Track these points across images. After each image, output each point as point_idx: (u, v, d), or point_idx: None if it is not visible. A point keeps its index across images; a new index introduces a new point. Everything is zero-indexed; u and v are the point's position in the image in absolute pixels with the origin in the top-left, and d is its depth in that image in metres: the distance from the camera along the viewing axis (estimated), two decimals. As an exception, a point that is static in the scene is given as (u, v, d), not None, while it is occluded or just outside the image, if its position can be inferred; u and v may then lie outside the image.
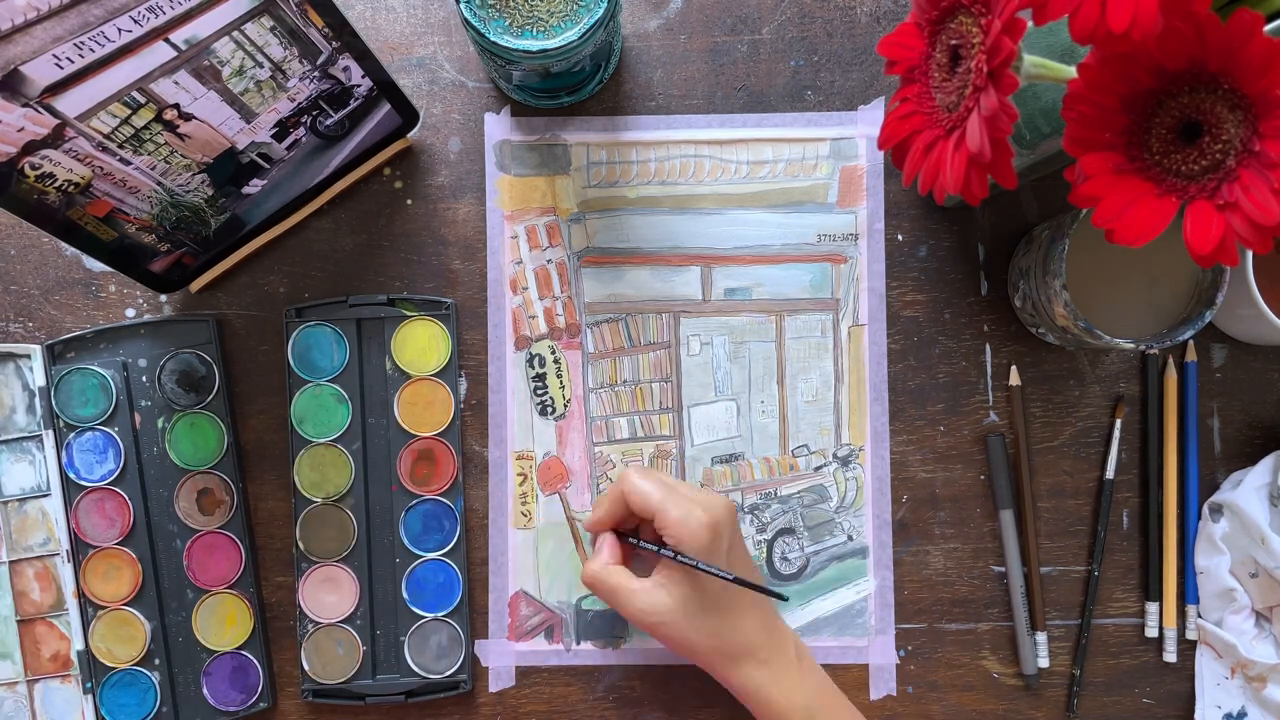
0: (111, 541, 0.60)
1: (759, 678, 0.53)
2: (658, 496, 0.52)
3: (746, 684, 0.53)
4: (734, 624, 0.52)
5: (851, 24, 0.62)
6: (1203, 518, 0.60)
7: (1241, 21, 0.34)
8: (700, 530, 0.50)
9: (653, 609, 0.52)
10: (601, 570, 0.54)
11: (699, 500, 0.52)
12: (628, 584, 0.53)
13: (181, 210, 0.55)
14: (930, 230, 0.61)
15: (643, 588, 0.52)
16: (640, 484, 0.53)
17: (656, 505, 0.51)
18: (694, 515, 0.51)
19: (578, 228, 0.62)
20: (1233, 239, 0.36)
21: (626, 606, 0.52)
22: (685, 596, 0.51)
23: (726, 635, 0.52)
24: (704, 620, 0.52)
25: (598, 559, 0.55)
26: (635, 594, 0.52)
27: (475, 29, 0.51)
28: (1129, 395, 0.61)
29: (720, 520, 0.51)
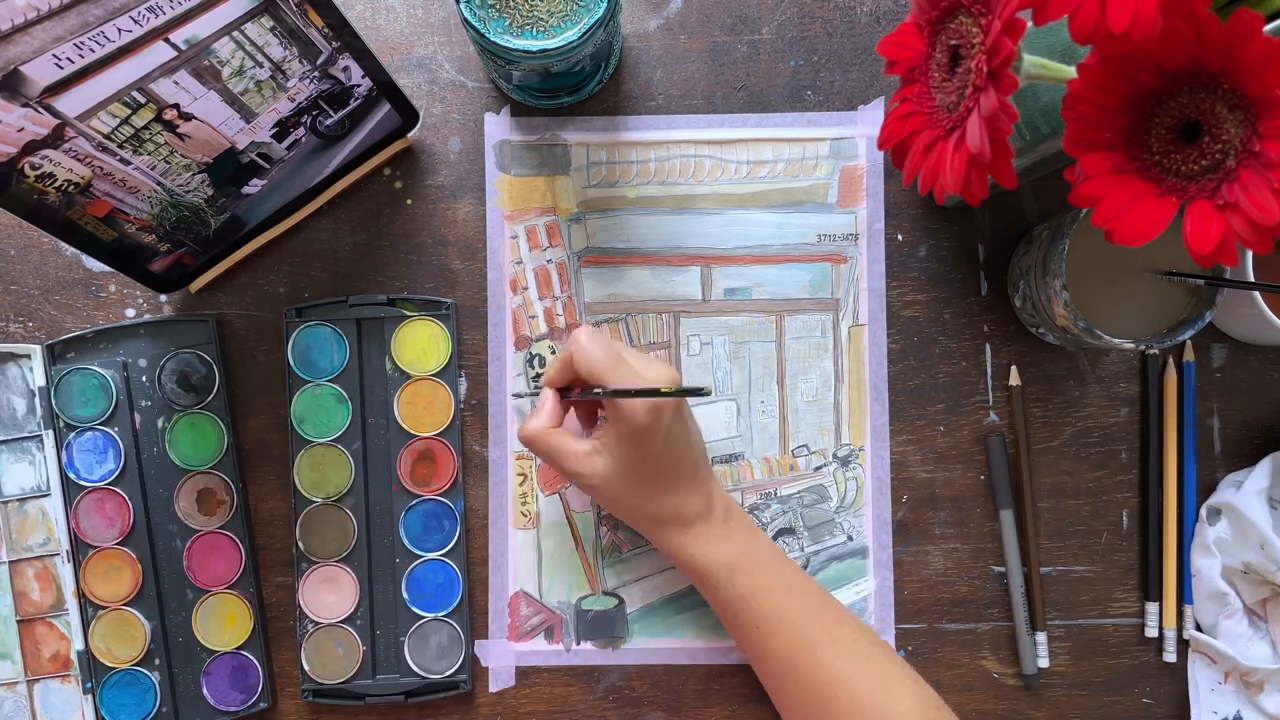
0: (111, 541, 0.60)
1: (680, 539, 0.54)
2: (602, 366, 0.51)
3: (669, 545, 0.54)
4: (663, 491, 0.53)
5: (851, 24, 0.62)
6: (1200, 520, 0.60)
7: (1241, 21, 0.34)
8: (640, 410, 0.50)
9: (589, 472, 0.52)
10: (539, 430, 0.53)
11: (644, 374, 0.51)
12: (564, 445, 0.53)
13: (181, 210, 0.55)
14: (930, 230, 0.61)
15: (579, 450, 0.53)
16: (589, 349, 0.51)
17: (600, 375, 0.51)
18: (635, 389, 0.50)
19: (578, 228, 0.62)
20: (1232, 239, 0.36)
21: (561, 466, 0.53)
22: (620, 462, 0.52)
23: (654, 501, 0.53)
24: (635, 486, 0.52)
25: (536, 418, 0.54)
26: (571, 456, 0.53)
27: (475, 29, 0.51)
28: (1129, 395, 0.61)
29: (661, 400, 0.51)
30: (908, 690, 0.51)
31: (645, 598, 0.61)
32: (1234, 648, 0.58)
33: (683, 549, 0.54)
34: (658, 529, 0.54)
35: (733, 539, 0.54)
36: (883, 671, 0.52)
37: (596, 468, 0.52)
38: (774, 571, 0.54)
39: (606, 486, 0.52)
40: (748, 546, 0.54)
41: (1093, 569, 0.61)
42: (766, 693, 0.56)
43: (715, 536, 0.54)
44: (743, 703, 0.61)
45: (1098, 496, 0.61)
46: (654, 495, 0.53)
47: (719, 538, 0.54)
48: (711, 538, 0.54)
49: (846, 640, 0.52)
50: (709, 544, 0.54)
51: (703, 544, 0.54)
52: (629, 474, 0.52)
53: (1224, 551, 0.58)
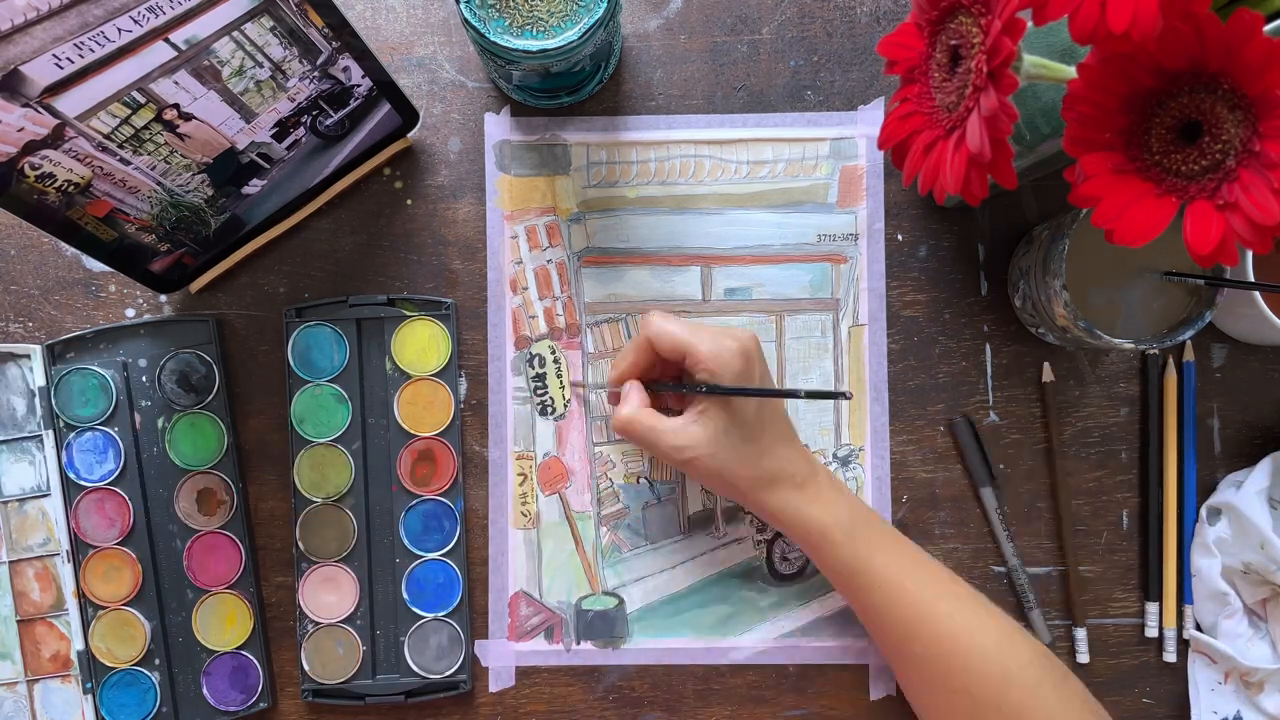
0: (111, 541, 0.60)
1: (796, 500, 0.53)
2: (685, 334, 0.52)
3: (784, 507, 0.53)
4: (768, 450, 0.53)
5: (851, 24, 0.62)
6: (1200, 520, 0.60)
7: (1241, 21, 0.34)
8: (734, 359, 0.51)
9: (688, 443, 0.52)
10: (634, 413, 0.53)
11: (726, 332, 0.53)
12: (659, 424, 0.53)
13: (181, 210, 0.55)
14: (930, 230, 0.61)
15: (675, 425, 0.53)
16: (666, 325, 0.53)
17: (686, 342, 0.52)
18: (725, 345, 0.51)
19: (578, 228, 0.62)
20: (1232, 239, 0.36)
21: (659, 445, 0.52)
22: (719, 428, 0.52)
23: (762, 462, 0.53)
24: (738, 449, 0.52)
25: (627, 404, 0.54)
26: (668, 432, 0.52)
27: (475, 29, 0.51)
28: (1129, 395, 0.61)
29: (750, 347, 0.52)
30: (1026, 641, 0.52)
31: (645, 598, 0.61)
32: (1234, 648, 0.58)
33: (800, 510, 0.53)
34: (769, 492, 0.53)
35: (843, 499, 0.54)
36: (1001, 624, 0.52)
37: (697, 436, 0.52)
38: (886, 533, 0.54)
39: (712, 454, 0.52)
40: (856, 508, 0.54)
41: (1093, 569, 0.61)
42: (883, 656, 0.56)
43: (827, 496, 0.54)
44: (743, 703, 0.61)
45: (1098, 496, 0.61)
46: (760, 455, 0.53)
47: (831, 497, 0.54)
48: (824, 497, 0.53)
49: (964, 596, 0.53)
50: (824, 504, 0.53)
51: (819, 504, 0.53)
52: (731, 436, 0.52)
53: (1224, 551, 0.58)
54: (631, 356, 0.55)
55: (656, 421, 0.53)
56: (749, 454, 0.52)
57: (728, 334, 0.52)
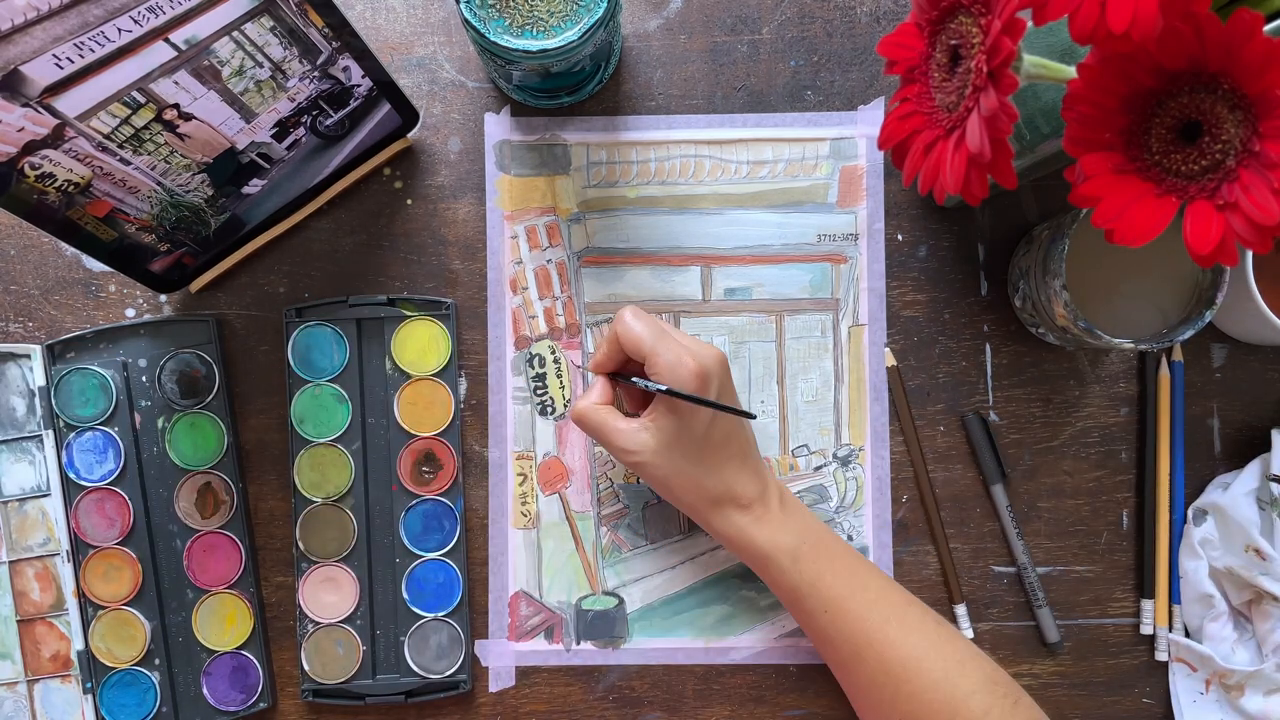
0: (111, 541, 0.60)
1: (740, 521, 0.53)
2: (649, 340, 0.51)
3: (728, 528, 0.53)
4: (717, 467, 0.52)
5: (851, 24, 0.62)
6: (1188, 521, 0.60)
7: (1241, 21, 0.34)
8: (689, 378, 0.50)
9: (636, 447, 0.52)
10: (588, 408, 0.54)
11: (690, 348, 0.52)
12: (613, 422, 0.53)
13: (181, 210, 0.55)
14: (930, 230, 0.61)
15: (628, 427, 0.52)
16: (633, 325, 0.52)
17: (648, 349, 0.51)
18: (683, 362, 0.50)
19: (578, 228, 0.62)
20: (1232, 239, 0.36)
21: (611, 443, 0.53)
22: (669, 439, 0.51)
23: (708, 480, 0.52)
24: (685, 464, 0.52)
25: (587, 397, 0.54)
26: (619, 432, 0.52)
27: (475, 29, 0.51)
28: (1129, 395, 0.61)
29: (709, 369, 0.51)
30: (976, 667, 0.51)
31: (645, 598, 0.61)
32: (1217, 651, 0.57)
33: (742, 532, 0.53)
34: (714, 511, 0.53)
35: (791, 522, 0.54)
36: (952, 649, 0.52)
37: (645, 442, 0.52)
38: (836, 554, 0.54)
39: (656, 462, 0.52)
40: (806, 530, 0.54)
41: (1093, 569, 0.61)
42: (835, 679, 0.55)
43: (774, 520, 0.53)
44: (743, 703, 0.61)
45: (1098, 496, 0.61)
46: (706, 473, 0.52)
47: (778, 521, 0.53)
48: (770, 521, 0.53)
49: (914, 620, 0.52)
50: (769, 527, 0.53)
51: (763, 527, 0.53)
52: (677, 449, 0.52)
53: (1211, 553, 0.58)
54: (605, 347, 0.55)
55: (609, 419, 0.53)
56: (695, 470, 0.52)
57: (691, 352, 0.51)
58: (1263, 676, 0.56)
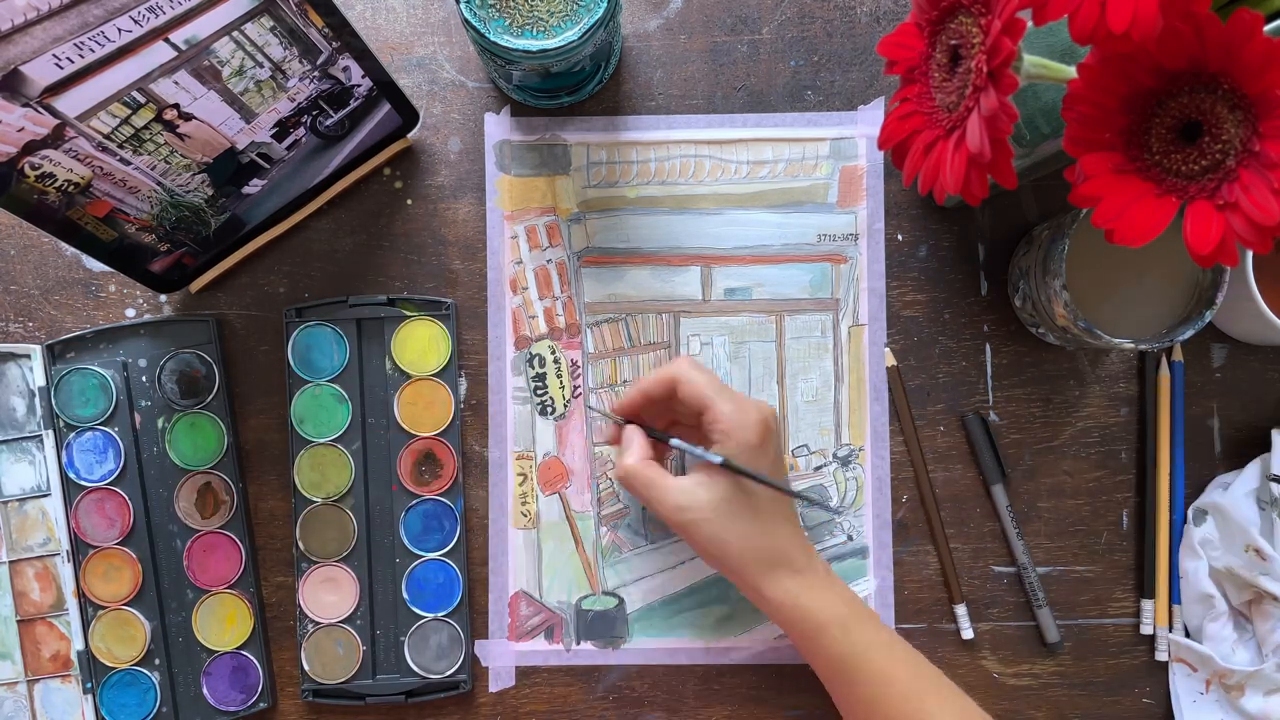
0: (111, 541, 0.60)
1: (794, 586, 0.51)
2: (710, 390, 0.50)
3: (780, 593, 0.51)
4: (771, 529, 0.51)
5: (851, 24, 0.62)
6: (1188, 521, 0.60)
7: (1241, 21, 0.34)
8: (754, 428, 0.49)
9: (690, 505, 0.50)
10: (636, 465, 0.51)
11: (748, 400, 0.51)
12: (663, 480, 0.51)
13: (181, 210, 0.55)
14: (930, 230, 0.61)
15: (679, 485, 0.50)
16: (695, 375, 0.51)
17: (710, 397, 0.50)
18: (747, 412, 0.49)
19: (578, 228, 0.62)
20: (1233, 239, 0.36)
21: (661, 502, 0.50)
22: (723, 496, 0.50)
23: (762, 540, 0.50)
24: (741, 523, 0.50)
25: (629, 454, 0.52)
26: (670, 490, 0.50)
27: (475, 29, 0.51)
28: (1129, 395, 0.61)
29: (770, 421, 0.50)
30: None
31: (645, 598, 0.61)
32: (1217, 651, 0.57)
33: (797, 599, 0.51)
34: (767, 575, 0.51)
35: (837, 590, 0.52)
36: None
37: (700, 499, 0.50)
38: (880, 629, 0.52)
39: (713, 522, 0.50)
40: (852, 599, 0.52)
41: (1093, 569, 0.61)
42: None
43: (823, 587, 0.51)
44: (743, 703, 0.61)
45: (1098, 496, 0.61)
46: (761, 533, 0.50)
47: (827, 588, 0.51)
48: (821, 588, 0.51)
49: (949, 696, 0.51)
50: (820, 595, 0.51)
51: (817, 595, 0.51)
52: (735, 506, 0.50)
53: (1211, 553, 0.58)
54: (648, 384, 0.53)
55: (659, 477, 0.51)
56: (750, 529, 0.50)
57: (751, 402, 0.51)
58: (1263, 676, 0.56)
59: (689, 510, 0.50)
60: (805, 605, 0.51)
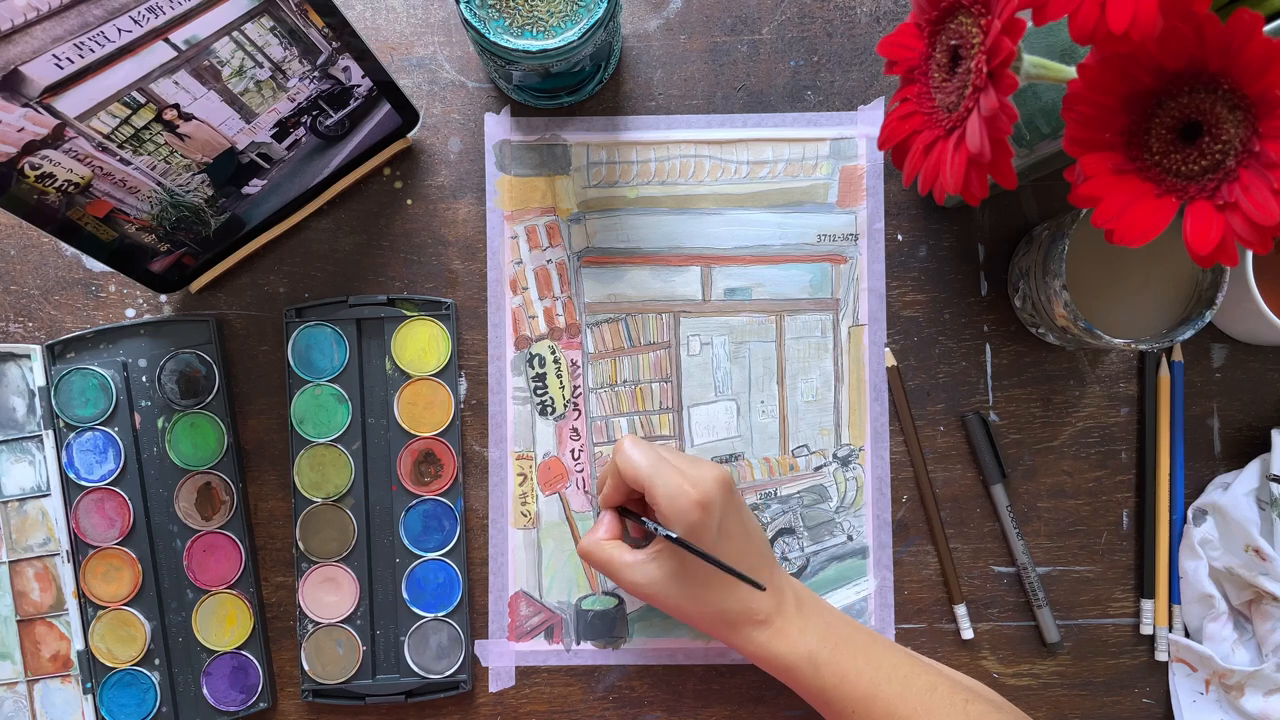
0: (111, 541, 0.60)
1: (760, 637, 0.52)
2: (647, 471, 0.51)
3: (749, 646, 0.53)
4: (727, 592, 0.52)
5: (851, 24, 0.62)
6: (1188, 521, 0.60)
7: (1241, 21, 0.34)
8: (690, 508, 0.50)
9: (645, 581, 0.52)
10: (594, 544, 0.54)
11: (690, 476, 0.51)
12: (620, 557, 0.53)
13: (181, 210, 0.55)
14: (930, 230, 0.61)
15: (635, 560, 0.53)
16: (631, 454, 0.52)
17: (645, 480, 0.51)
18: (683, 493, 0.50)
19: (578, 228, 0.62)
20: (1232, 239, 0.36)
21: (620, 579, 0.53)
22: (671, 570, 0.52)
23: (721, 603, 0.52)
24: (696, 590, 0.52)
25: (593, 533, 0.55)
26: (627, 567, 0.53)
27: (475, 29, 0.51)
28: (1129, 395, 0.61)
29: (711, 498, 0.51)
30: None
31: (645, 598, 0.61)
32: (1217, 651, 0.57)
33: (763, 648, 0.52)
34: (732, 631, 0.53)
35: (810, 628, 0.53)
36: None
37: (652, 575, 0.52)
38: (859, 648, 0.53)
39: (668, 593, 0.52)
40: (826, 631, 0.53)
41: (1093, 569, 0.61)
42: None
43: (793, 629, 0.53)
44: (743, 703, 0.61)
45: (1098, 496, 0.61)
46: (718, 598, 0.52)
47: (797, 630, 0.53)
48: (789, 631, 0.52)
49: (941, 707, 0.51)
50: (789, 638, 0.52)
51: (782, 639, 0.52)
52: (686, 577, 0.52)
53: (1211, 553, 0.58)
54: (610, 481, 0.55)
55: (616, 554, 0.53)
56: (704, 596, 0.52)
57: (692, 479, 0.51)
58: (1263, 676, 0.56)
59: (645, 586, 0.52)
60: (772, 651, 0.52)
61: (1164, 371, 0.60)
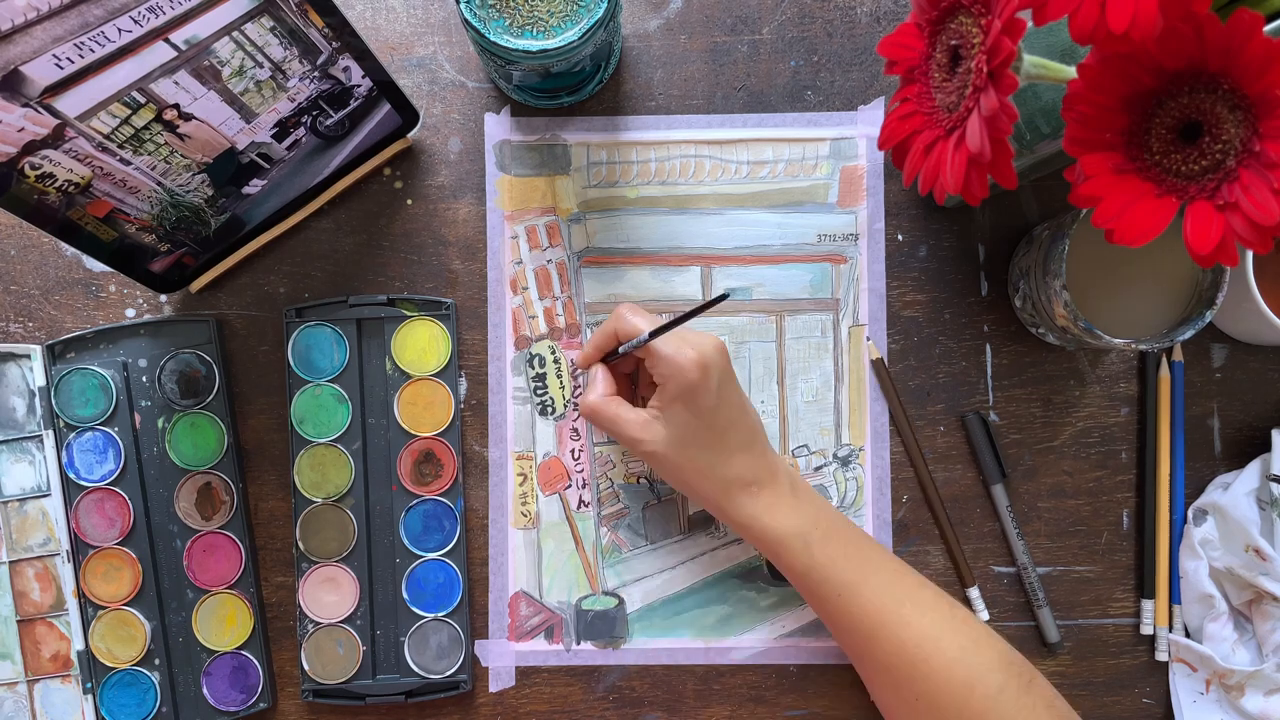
0: (111, 541, 0.60)
1: (752, 507, 0.53)
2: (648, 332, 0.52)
3: (740, 514, 0.54)
4: (728, 456, 0.53)
5: (851, 24, 0.62)
6: (1188, 521, 0.60)
7: (1241, 21, 0.34)
8: (689, 367, 0.51)
9: (648, 437, 0.53)
10: (599, 401, 0.55)
11: (689, 339, 0.53)
12: (625, 414, 0.54)
13: (181, 210, 0.55)
14: (930, 230, 0.61)
15: (639, 418, 0.53)
16: (632, 319, 0.54)
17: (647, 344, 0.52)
18: (683, 352, 0.51)
19: (578, 228, 0.62)
20: (1232, 239, 0.36)
21: (624, 434, 0.54)
22: (678, 426, 0.52)
23: (719, 468, 0.53)
24: (697, 452, 0.53)
25: (593, 390, 0.55)
26: (632, 423, 0.53)
27: (475, 29, 0.51)
28: (1129, 395, 0.61)
29: (709, 358, 0.52)
30: (991, 646, 0.52)
31: (645, 598, 0.61)
32: (1217, 651, 0.57)
33: (756, 519, 0.53)
34: (727, 497, 0.54)
35: (804, 507, 0.54)
36: (967, 629, 0.52)
37: (656, 434, 0.53)
38: (850, 538, 0.54)
39: (669, 453, 0.53)
40: (819, 514, 0.54)
41: (1093, 569, 0.61)
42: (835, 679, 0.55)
43: (785, 505, 0.54)
44: (742, 703, 0.61)
45: (1098, 496, 0.61)
46: (717, 461, 0.53)
47: (789, 506, 0.54)
48: (782, 506, 0.54)
49: (928, 601, 0.53)
50: (781, 512, 0.53)
51: (775, 512, 0.53)
52: (689, 438, 0.53)
53: (1211, 553, 0.58)
54: (597, 340, 0.56)
55: (622, 411, 0.54)
56: (707, 458, 0.53)
57: (690, 341, 0.52)
58: (1263, 676, 0.56)
59: (647, 443, 0.53)
60: (765, 524, 0.53)
61: (1164, 371, 0.60)
